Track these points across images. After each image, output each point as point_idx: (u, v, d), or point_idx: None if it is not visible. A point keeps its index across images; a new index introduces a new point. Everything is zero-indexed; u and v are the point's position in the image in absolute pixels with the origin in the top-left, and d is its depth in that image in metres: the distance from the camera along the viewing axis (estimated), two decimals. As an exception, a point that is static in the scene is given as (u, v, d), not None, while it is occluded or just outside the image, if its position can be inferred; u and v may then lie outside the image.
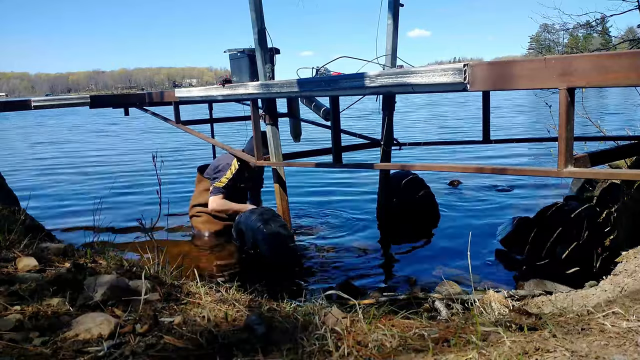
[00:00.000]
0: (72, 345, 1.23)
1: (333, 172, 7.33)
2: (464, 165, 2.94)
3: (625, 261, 2.28)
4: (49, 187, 7.64)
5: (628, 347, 1.19)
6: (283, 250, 3.68)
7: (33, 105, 4.88)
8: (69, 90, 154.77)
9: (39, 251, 2.09)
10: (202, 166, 5.03)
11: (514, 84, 2.21)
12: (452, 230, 4.74)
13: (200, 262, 4.06)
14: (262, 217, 3.75)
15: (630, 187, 3.34)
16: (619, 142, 3.65)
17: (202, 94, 4.70)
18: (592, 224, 3.63)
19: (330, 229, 4.87)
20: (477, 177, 6.74)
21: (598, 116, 8.42)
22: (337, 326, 1.34)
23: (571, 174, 2.20)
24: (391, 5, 4.43)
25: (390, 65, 4.42)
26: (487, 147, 6.51)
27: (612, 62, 1.90)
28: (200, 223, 4.74)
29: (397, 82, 2.67)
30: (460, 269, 3.67)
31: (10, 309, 1.42)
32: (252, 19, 3.83)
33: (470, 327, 1.40)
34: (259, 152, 4.12)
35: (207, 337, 1.29)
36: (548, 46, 25.95)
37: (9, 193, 3.95)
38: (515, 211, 5.15)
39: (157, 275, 1.93)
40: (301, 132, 4.81)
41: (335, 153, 3.50)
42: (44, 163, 10.60)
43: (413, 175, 4.98)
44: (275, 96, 3.85)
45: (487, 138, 4.02)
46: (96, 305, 1.50)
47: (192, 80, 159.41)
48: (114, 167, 9.40)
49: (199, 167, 5.07)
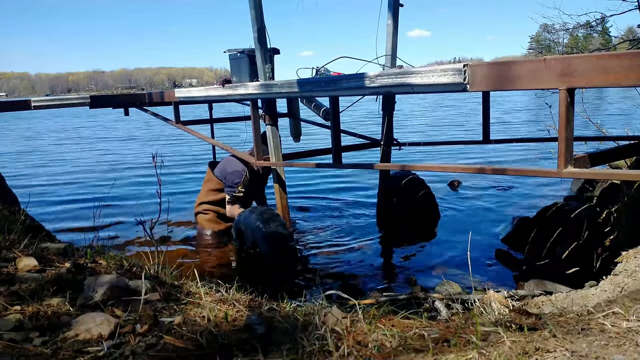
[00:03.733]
0: (72, 345, 1.23)
1: (333, 172, 7.33)
2: (464, 165, 2.94)
3: (625, 261, 2.28)
4: (49, 187, 7.64)
5: (628, 347, 1.19)
6: (282, 249, 3.68)
7: (33, 106, 4.88)
8: (69, 90, 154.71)
9: (39, 251, 2.08)
10: (212, 162, 5.05)
11: (514, 85, 2.21)
12: (452, 230, 4.74)
13: (201, 262, 4.06)
14: (262, 217, 3.75)
15: (630, 188, 3.34)
16: (619, 142, 3.66)
17: (202, 94, 4.70)
18: (592, 224, 3.63)
19: (330, 229, 4.87)
20: (477, 177, 6.75)
21: (598, 116, 8.42)
22: (337, 326, 1.34)
23: (571, 174, 2.20)
24: (391, 5, 4.43)
25: (390, 65, 4.42)
26: (487, 147, 6.51)
27: (612, 62, 1.90)
28: (205, 221, 4.76)
29: (397, 83, 2.67)
30: (460, 269, 3.67)
31: (10, 309, 1.42)
32: (252, 18, 3.83)
33: (470, 327, 1.40)
34: (258, 152, 4.12)
35: (207, 337, 1.29)
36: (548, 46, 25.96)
37: (9, 193, 3.95)
38: (515, 211, 5.15)
39: (157, 275, 1.93)
40: (301, 132, 4.82)
41: (335, 153, 3.50)
42: (44, 163, 10.60)
43: (413, 175, 4.99)
44: (275, 96, 3.85)
45: (487, 138, 4.02)
46: (96, 305, 1.49)
47: (192, 80, 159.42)
48: (114, 167, 9.40)
49: (210, 162, 5.08)
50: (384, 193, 5.01)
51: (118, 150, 12.40)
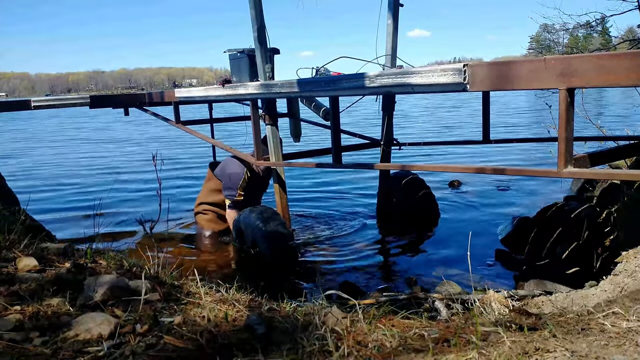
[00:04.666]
0: (72, 345, 1.23)
1: (333, 172, 7.33)
2: (464, 165, 2.94)
3: (625, 261, 2.28)
4: (49, 186, 7.64)
5: (628, 347, 1.19)
6: (282, 249, 3.68)
7: (33, 106, 4.88)
8: (69, 90, 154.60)
9: (39, 251, 2.08)
10: (213, 163, 5.05)
11: (514, 84, 2.21)
12: (452, 230, 4.74)
13: (201, 262, 4.06)
14: (262, 216, 3.75)
15: (630, 188, 3.34)
16: (619, 142, 3.65)
17: (202, 94, 4.70)
18: (592, 224, 3.63)
19: (330, 229, 4.87)
20: (477, 177, 6.75)
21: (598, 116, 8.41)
22: (337, 326, 1.34)
23: (571, 174, 2.20)
24: (391, 5, 4.43)
25: (390, 65, 4.42)
26: (487, 147, 6.51)
27: (612, 62, 1.89)
28: (205, 221, 4.76)
29: (396, 82, 2.67)
30: (460, 268, 3.67)
31: (10, 309, 1.42)
32: (252, 16, 3.82)
33: (470, 327, 1.40)
34: (259, 152, 4.12)
35: (207, 337, 1.28)
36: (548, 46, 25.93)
37: (9, 193, 3.95)
38: (515, 211, 5.15)
39: (157, 275, 1.93)
40: (301, 132, 4.81)
41: (335, 153, 3.50)
42: (44, 162, 10.60)
43: (413, 175, 4.99)
44: (275, 96, 3.85)
45: (487, 138, 4.02)
46: (96, 305, 1.49)
47: (192, 80, 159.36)
48: (114, 167, 9.40)
49: (210, 163, 5.09)
50: (384, 193, 5.01)
51: (118, 151, 12.40)
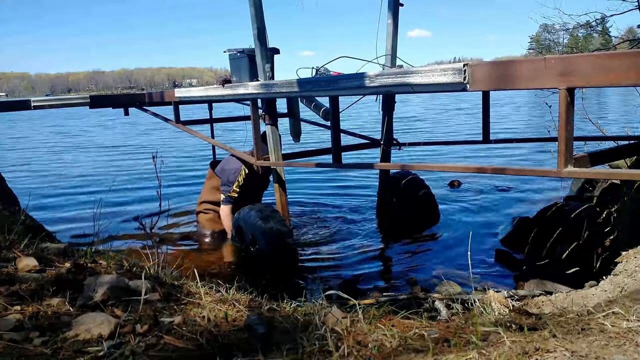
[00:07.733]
0: (72, 345, 1.23)
1: (333, 172, 7.33)
2: (464, 165, 2.93)
3: (625, 261, 2.28)
4: (49, 187, 7.63)
5: (628, 347, 1.19)
6: (282, 247, 3.68)
7: (33, 105, 4.88)
8: (69, 90, 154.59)
9: (39, 251, 2.08)
10: (213, 162, 5.05)
11: (514, 84, 2.21)
12: (452, 230, 4.74)
13: (201, 262, 4.06)
14: (261, 214, 3.75)
15: (630, 187, 3.34)
16: (619, 142, 3.65)
17: (202, 94, 4.70)
18: (592, 224, 3.63)
19: (330, 229, 4.87)
20: (477, 177, 6.74)
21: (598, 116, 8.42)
22: (337, 326, 1.34)
23: (571, 174, 2.20)
24: (391, 5, 4.43)
25: (390, 65, 4.42)
26: (487, 147, 6.51)
27: (612, 62, 1.89)
28: (206, 220, 4.76)
29: (396, 82, 2.67)
30: (460, 269, 3.67)
31: (11, 309, 1.42)
32: (252, 16, 3.82)
33: (470, 327, 1.40)
34: (259, 152, 4.12)
35: (207, 337, 1.29)
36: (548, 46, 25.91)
37: (9, 193, 3.95)
38: (515, 211, 5.15)
39: (157, 275, 1.93)
40: (301, 132, 4.81)
41: (335, 153, 3.50)
42: (44, 162, 10.60)
43: (413, 175, 4.98)
44: (275, 96, 3.85)
45: (486, 138, 4.02)
46: (96, 305, 1.49)
47: (192, 80, 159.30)
48: (114, 167, 9.40)
49: (211, 162, 5.09)
50: (383, 193, 5.00)
51: (118, 150, 12.40)
